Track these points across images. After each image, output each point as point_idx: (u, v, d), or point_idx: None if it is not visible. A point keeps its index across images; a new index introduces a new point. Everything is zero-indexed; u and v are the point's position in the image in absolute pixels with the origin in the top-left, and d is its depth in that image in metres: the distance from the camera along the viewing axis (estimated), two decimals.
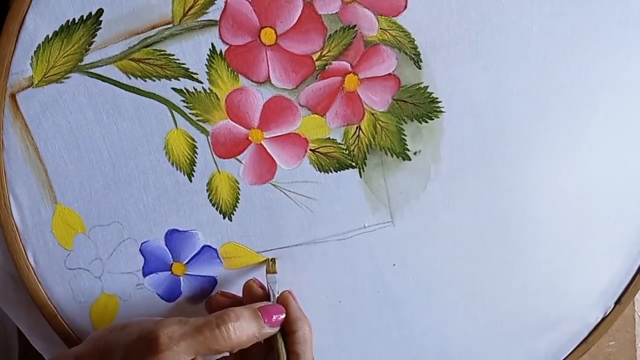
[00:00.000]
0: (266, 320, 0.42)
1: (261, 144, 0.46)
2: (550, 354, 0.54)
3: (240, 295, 0.47)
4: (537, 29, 0.44)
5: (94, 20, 0.43)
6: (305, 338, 0.44)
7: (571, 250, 0.51)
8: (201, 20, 0.43)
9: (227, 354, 0.43)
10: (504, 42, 0.45)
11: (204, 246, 0.49)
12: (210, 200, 0.47)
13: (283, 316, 0.44)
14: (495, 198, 0.49)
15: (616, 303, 0.53)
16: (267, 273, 0.47)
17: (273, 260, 0.49)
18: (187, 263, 0.49)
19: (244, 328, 0.41)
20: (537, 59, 0.45)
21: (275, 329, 0.43)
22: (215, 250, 0.49)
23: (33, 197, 0.46)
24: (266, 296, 0.46)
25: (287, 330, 0.44)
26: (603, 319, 0.53)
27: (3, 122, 0.45)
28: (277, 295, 0.46)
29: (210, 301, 0.48)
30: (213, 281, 0.50)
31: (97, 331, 0.44)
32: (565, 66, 0.46)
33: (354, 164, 0.47)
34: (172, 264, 0.49)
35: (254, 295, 0.46)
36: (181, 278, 0.49)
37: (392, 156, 0.47)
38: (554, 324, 0.53)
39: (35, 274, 0.48)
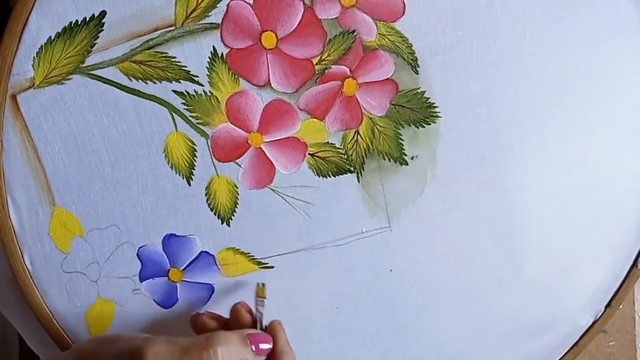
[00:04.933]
0: (254, 348, 0.42)
1: (260, 147, 0.47)
2: (543, 356, 0.54)
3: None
4: (530, 35, 0.46)
5: (96, 22, 0.43)
6: None
7: (562, 253, 0.52)
8: (203, 23, 0.44)
9: None
10: (498, 48, 0.46)
11: (202, 252, 0.48)
12: (209, 205, 0.47)
13: (270, 346, 0.44)
14: (490, 202, 0.50)
15: (606, 306, 0.54)
16: (256, 297, 0.47)
17: (263, 285, 0.48)
18: (184, 269, 0.49)
19: (232, 353, 0.41)
20: (530, 65, 0.47)
21: (261, 358, 0.43)
22: (213, 256, 0.49)
23: (31, 199, 0.46)
24: (254, 322, 0.46)
25: None
26: (594, 323, 0.54)
27: (3, 123, 0.44)
28: (264, 323, 0.46)
29: (195, 320, 0.47)
30: (210, 289, 0.49)
31: (85, 341, 0.43)
32: (558, 72, 0.47)
33: (352, 168, 0.48)
34: (169, 269, 0.48)
35: (242, 321, 0.46)
36: (178, 284, 0.49)
37: (389, 161, 0.48)
38: (546, 327, 0.54)
39: (31, 277, 0.47)
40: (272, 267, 0.49)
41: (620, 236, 0.52)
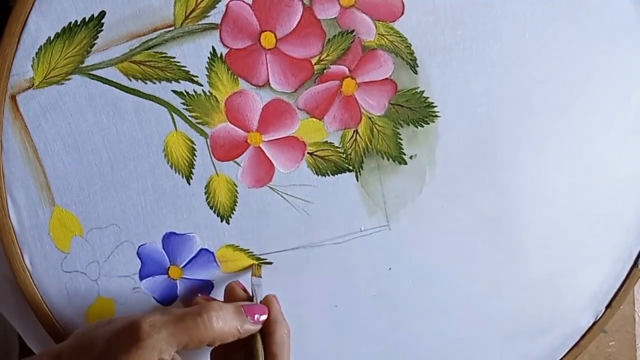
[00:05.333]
0: (248, 317, 0.43)
1: (260, 147, 0.47)
2: (543, 357, 0.54)
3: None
4: (530, 35, 0.46)
5: (95, 22, 0.43)
6: (283, 341, 0.44)
7: (562, 254, 0.52)
8: (202, 24, 0.44)
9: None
10: (498, 48, 0.46)
11: (201, 249, 0.49)
12: (208, 204, 0.48)
13: (265, 317, 0.44)
14: (489, 202, 0.49)
15: (607, 307, 0.54)
16: (252, 276, 0.48)
17: (259, 265, 0.49)
18: (184, 267, 0.49)
19: (227, 320, 0.41)
20: (530, 65, 0.46)
21: (257, 327, 0.44)
22: (212, 254, 0.49)
23: (31, 199, 0.46)
24: (249, 299, 0.46)
25: (267, 331, 0.44)
26: (594, 323, 0.54)
27: (3, 123, 0.44)
28: (260, 300, 0.46)
29: (190, 304, 0.48)
30: (210, 285, 0.50)
31: (84, 326, 0.44)
32: (558, 73, 0.47)
33: (351, 167, 0.48)
34: (169, 267, 0.49)
35: (236, 297, 0.46)
36: (178, 282, 0.49)
37: (388, 160, 0.48)
38: (547, 328, 0.54)
39: (31, 277, 0.47)
40: (270, 263, 0.49)
41: (621, 237, 0.52)
